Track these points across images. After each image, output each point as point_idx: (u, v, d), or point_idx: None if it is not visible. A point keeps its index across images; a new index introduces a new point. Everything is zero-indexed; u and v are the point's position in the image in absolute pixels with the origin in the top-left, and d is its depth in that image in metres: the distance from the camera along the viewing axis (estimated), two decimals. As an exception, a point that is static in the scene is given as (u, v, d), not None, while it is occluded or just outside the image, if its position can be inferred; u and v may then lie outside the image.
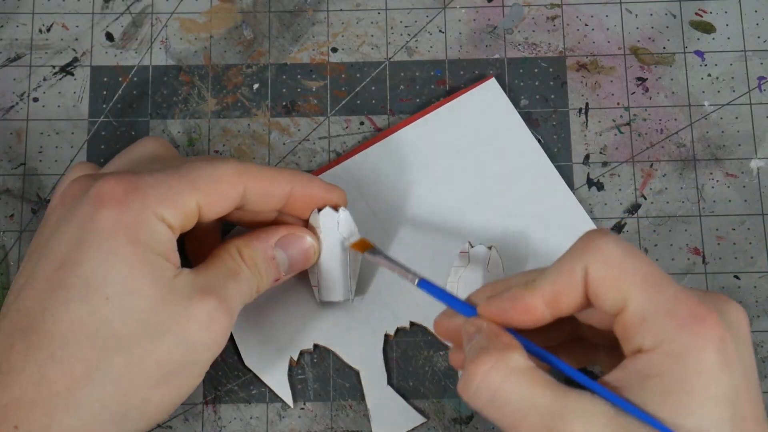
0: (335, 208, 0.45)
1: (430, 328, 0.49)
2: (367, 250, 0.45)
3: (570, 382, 0.34)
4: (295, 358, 0.48)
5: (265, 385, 0.48)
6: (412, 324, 0.49)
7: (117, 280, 0.36)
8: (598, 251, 0.34)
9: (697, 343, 0.32)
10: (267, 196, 0.41)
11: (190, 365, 0.38)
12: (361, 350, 0.48)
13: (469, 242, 0.48)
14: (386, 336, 0.49)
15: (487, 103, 0.52)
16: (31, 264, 0.38)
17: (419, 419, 0.48)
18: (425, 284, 0.40)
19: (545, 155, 0.51)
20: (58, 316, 0.35)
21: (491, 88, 0.52)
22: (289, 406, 0.48)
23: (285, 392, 0.48)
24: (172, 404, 0.39)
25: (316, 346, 0.49)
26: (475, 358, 0.34)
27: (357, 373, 0.48)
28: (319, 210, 0.45)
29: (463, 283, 0.47)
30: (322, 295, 0.47)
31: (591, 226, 0.50)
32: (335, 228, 0.45)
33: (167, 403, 0.38)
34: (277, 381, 0.48)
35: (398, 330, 0.49)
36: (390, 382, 0.48)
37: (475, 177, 0.51)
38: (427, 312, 0.49)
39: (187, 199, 0.38)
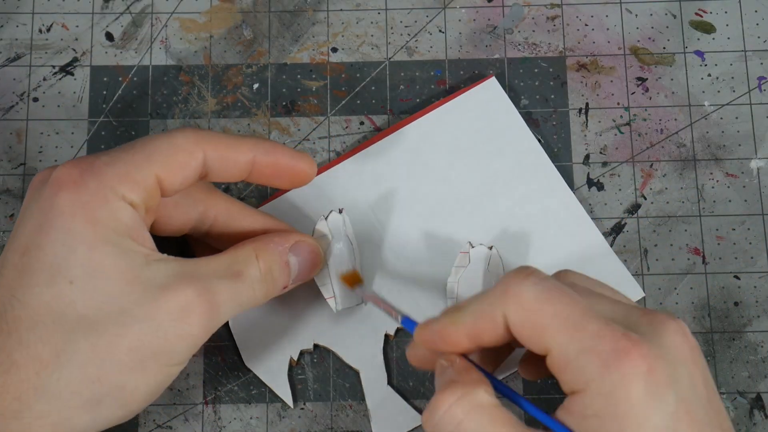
0: (339, 211, 0.46)
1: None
2: (356, 284, 0.45)
3: (533, 421, 0.35)
4: (295, 358, 0.48)
5: (265, 385, 0.48)
6: (412, 324, 0.49)
7: (79, 263, 0.35)
8: (516, 297, 0.34)
9: (623, 379, 0.32)
10: (229, 162, 0.40)
11: (165, 354, 0.37)
12: (362, 350, 0.48)
13: (470, 242, 0.48)
14: (386, 336, 0.49)
15: (487, 102, 0.52)
16: (3, 258, 0.37)
17: (419, 419, 0.48)
18: (407, 322, 0.41)
19: (545, 155, 0.51)
20: (24, 301, 0.35)
21: (491, 88, 0.52)
22: (290, 406, 0.48)
23: (285, 392, 0.48)
24: (150, 392, 0.38)
25: (316, 346, 0.49)
26: (443, 389, 0.34)
27: (357, 373, 0.48)
28: (326, 217, 0.46)
29: (463, 283, 0.47)
30: (339, 304, 0.47)
31: (590, 225, 0.50)
32: (342, 229, 0.46)
33: (144, 390, 0.37)
34: (277, 381, 0.48)
35: (398, 330, 0.49)
36: (390, 383, 0.48)
37: (476, 176, 0.51)
38: (427, 311, 0.49)
39: (145, 172, 0.37)
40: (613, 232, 0.51)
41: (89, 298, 0.35)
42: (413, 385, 0.49)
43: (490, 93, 0.52)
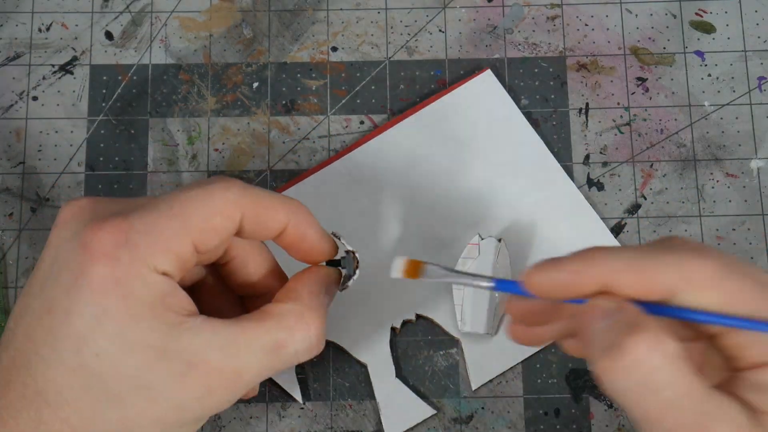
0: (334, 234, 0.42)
1: (436, 320, 0.49)
2: (420, 272, 0.38)
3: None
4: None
5: (265, 385, 0.48)
6: (418, 316, 0.49)
7: (108, 338, 0.34)
8: (693, 273, 0.32)
9: None
10: (262, 227, 0.38)
11: (188, 424, 0.36)
12: (368, 344, 0.48)
13: (479, 234, 0.48)
14: (393, 329, 0.49)
15: (484, 95, 0.52)
16: (27, 297, 0.36)
17: (429, 411, 0.48)
18: (502, 284, 0.37)
19: (544, 145, 0.51)
20: (50, 362, 0.34)
21: (487, 80, 0.52)
22: (290, 406, 0.48)
23: (294, 389, 0.48)
24: None
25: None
26: (630, 334, 0.31)
27: (357, 373, 0.48)
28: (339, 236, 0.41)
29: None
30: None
31: (591, 213, 0.50)
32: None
33: None
34: (285, 378, 0.48)
35: (404, 323, 0.49)
36: (398, 375, 0.48)
37: (475, 168, 0.51)
38: (433, 304, 0.49)
39: (182, 241, 0.35)
40: (613, 233, 0.51)
41: (116, 373, 0.34)
42: (413, 384, 0.49)
43: (486, 85, 0.52)
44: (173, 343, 0.35)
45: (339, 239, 0.41)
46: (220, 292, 0.41)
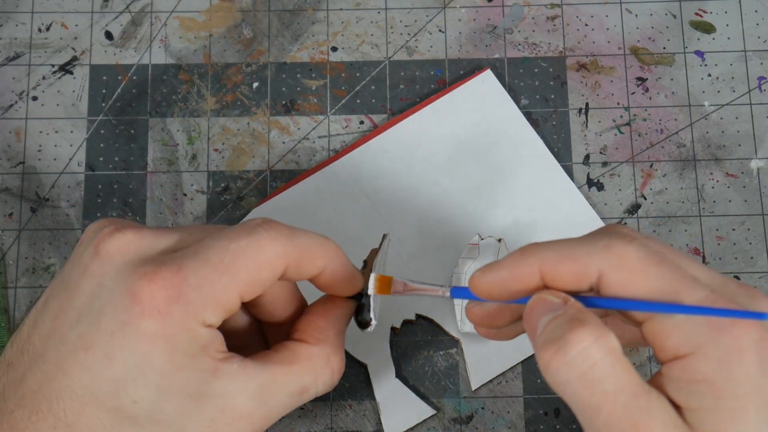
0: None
1: (436, 319, 0.49)
2: (391, 288, 0.40)
3: None
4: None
5: (265, 385, 0.48)
6: (418, 316, 0.49)
7: (148, 386, 0.34)
8: (620, 257, 0.33)
9: (737, 344, 0.31)
10: (301, 273, 0.38)
11: None
12: (368, 344, 0.48)
13: (479, 234, 0.48)
14: (392, 329, 0.49)
15: (483, 95, 0.52)
16: (59, 320, 0.36)
17: (429, 411, 0.48)
18: (458, 291, 0.39)
19: (544, 145, 0.51)
20: (84, 402, 0.34)
21: (487, 80, 0.52)
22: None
23: None
24: None
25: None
26: (576, 328, 0.32)
27: (357, 373, 0.48)
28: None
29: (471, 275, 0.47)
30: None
31: (591, 213, 0.50)
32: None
33: None
34: None
35: (404, 323, 0.49)
36: (398, 375, 0.48)
37: (475, 168, 0.51)
38: (432, 304, 0.49)
39: (230, 294, 0.36)
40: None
41: (152, 418, 0.35)
42: (413, 384, 0.49)
43: (486, 85, 0.52)
44: (209, 390, 0.35)
45: (384, 239, 0.42)
46: (244, 320, 0.41)
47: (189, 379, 0.35)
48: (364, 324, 0.39)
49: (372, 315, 0.39)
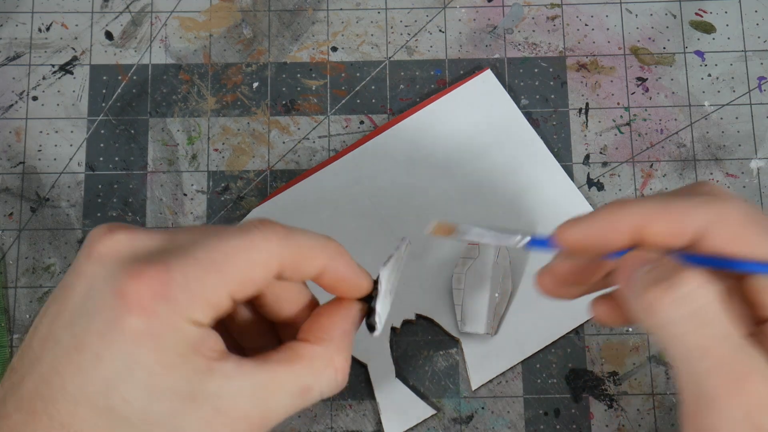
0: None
1: (436, 319, 0.49)
2: (455, 232, 0.38)
3: None
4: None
5: (265, 385, 0.48)
6: (418, 316, 0.49)
7: (137, 385, 0.34)
8: (724, 211, 0.33)
9: None
10: (298, 273, 0.38)
11: None
12: (369, 343, 0.48)
13: None
14: (393, 329, 0.49)
15: (483, 95, 0.52)
16: (55, 324, 0.36)
17: (429, 411, 0.48)
18: (536, 242, 0.37)
19: (544, 145, 0.51)
20: (77, 400, 0.34)
21: (487, 80, 0.52)
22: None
23: None
24: None
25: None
26: (684, 270, 0.32)
27: (357, 373, 0.48)
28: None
29: (471, 274, 0.47)
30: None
31: (589, 209, 0.50)
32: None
33: None
34: None
35: (404, 323, 0.49)
36: (398, 375, 0.48)
37: (475, 168, 0.51)
38: (433, 304, 0.49)
39: (220, 294, 0.35)
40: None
41: (144, 418, 0.35)
42: (413, 384, 0.49)
43: (486, 85, 0.52)
44: (202, 389, 0.35)
45: (403, 242, 0.40)
46: (250, 320, 0.41)
47: (180, 378, 0.35)
48: (371, 327, 0.39)
49: (377, 320, 0.38)
